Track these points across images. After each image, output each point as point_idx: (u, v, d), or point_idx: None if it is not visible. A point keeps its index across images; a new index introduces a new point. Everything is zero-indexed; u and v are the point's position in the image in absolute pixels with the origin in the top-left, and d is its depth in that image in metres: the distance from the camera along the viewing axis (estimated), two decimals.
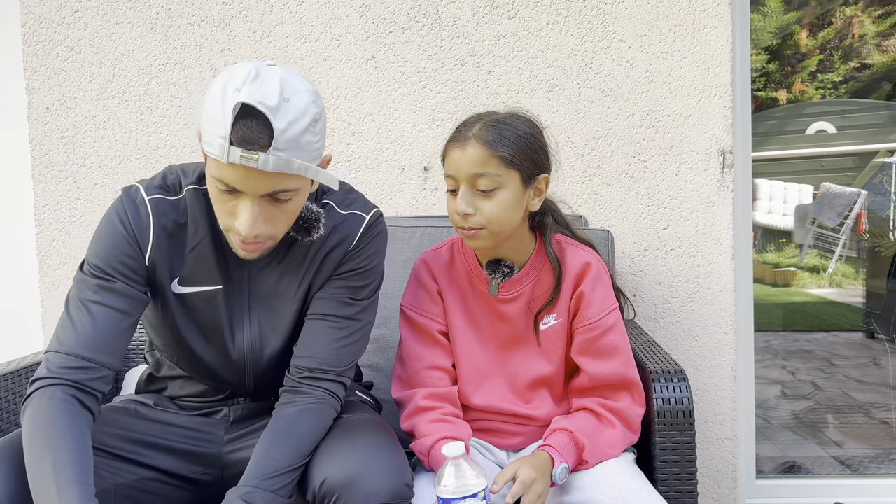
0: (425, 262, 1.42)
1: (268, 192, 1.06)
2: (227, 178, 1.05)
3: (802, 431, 2.74)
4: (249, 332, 1.27)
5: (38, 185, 1.98)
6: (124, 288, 1.16)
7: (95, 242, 1.19)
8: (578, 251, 1.36)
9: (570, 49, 1.91)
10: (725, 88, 1.90)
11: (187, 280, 1.22)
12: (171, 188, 1.21)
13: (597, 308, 1.33)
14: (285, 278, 1.25)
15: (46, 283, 1.99)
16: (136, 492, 1.21)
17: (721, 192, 1.90)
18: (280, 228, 1.13)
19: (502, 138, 1.25)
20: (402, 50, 1.93)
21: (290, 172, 1.04)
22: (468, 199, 1.26)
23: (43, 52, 1.96)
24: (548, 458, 1.23)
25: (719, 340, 1.92)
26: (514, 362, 1.37)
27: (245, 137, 1.01)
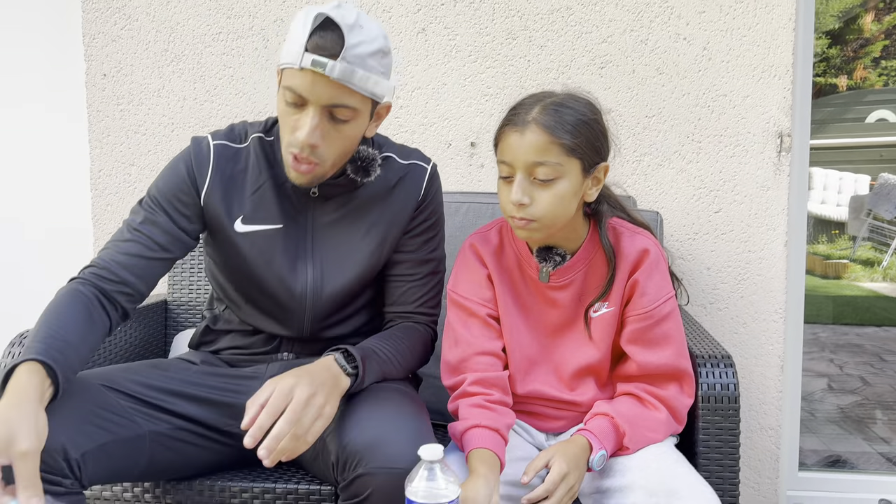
0: (473, 247, 1.36)
1: (330, 102, 1.15)
2: (297, 85, 1.14)
3: (848, 426, 2.68)
4: (312, 270, 1.33)
5: (93, 150, 2.02)
6: (168, 224, 1.27)
7: (157, 179, 1.31)
8: (635, 237, 1.30)
9: (626, 24, 1.87)
10: (786, 69, 1.83)
11: (249, 219, 1.30)
12: (237, 137, 1.33)
13: (651, 297, 1.27)
14: (351, 221, 1.34)
15: (100, 246, 2.03)
16: (169, 440, 1.25)
17: (777, 177, 1.85)
18: (333, 150, 1.21)
19: (564, 123, 1.18)
20: (452, 23, 1.91)
21: (352, 84, 1.15)
22: (524, 189, 1.19)
23: (101, 18, 1.99)
24: (585, 445, 1.21)
25: (767, 329, 1.88)
26: (562, 349, 1.34)
27: (319, 45, 1.12)
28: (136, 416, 1.20)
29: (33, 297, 2.20)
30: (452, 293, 1.36)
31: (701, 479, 1.18)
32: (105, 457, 1.13)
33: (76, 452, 1.08)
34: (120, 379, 1.24)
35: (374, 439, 1.10)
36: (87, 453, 1.10)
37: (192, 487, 1.34)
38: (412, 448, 1.08)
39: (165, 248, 1.27)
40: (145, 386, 1.25)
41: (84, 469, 1.10)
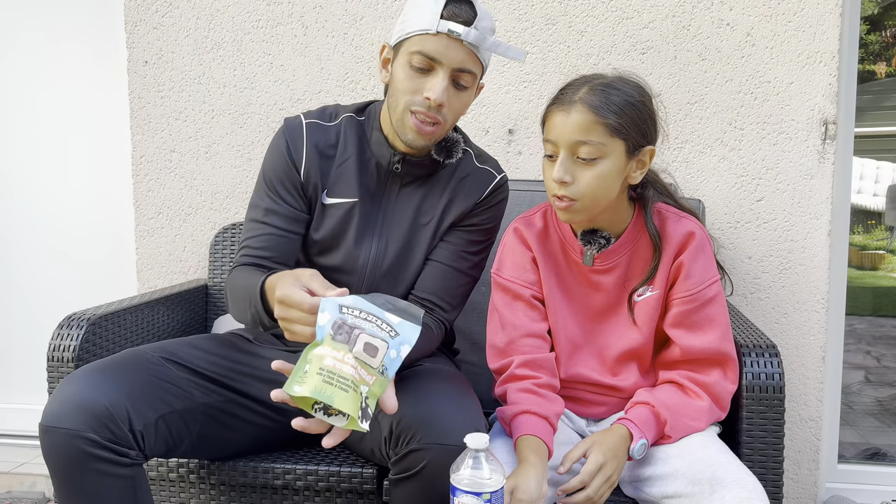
0: (518, 231, 1.37)
1: (459, 66, 1.25)
2: (430, 48, 1.24)
3: (886, 419, 2.63)
4: (376, 245, 1.39)
5: (135, 136, 2.05)
6: (286, 209, 1.36)
7: (265, 161, 1.41)
8: (681, 220, 1.30)
9: (668, 9, 1.84)
10: (832, 55, 1.80)
11: (332, 191, 1.38)
12: (328, 116, 1.41)
13: (696, 279, 1.27)
14: (419, 205, 1.39)
15: (141, 231, 2.07)
16: (222, 414, 1.29)
17: (821, 165, 1.82)
18: (452, 113, 1.30)
19: (610, 104, 1.18)
20: (492, 8, 1.90)
21: (483, 48, 1.26)
22: (567, 167, 1.20)
23: (143, 6, 2.01)
24: (626, 434, 1.21)
25: (809, 319, 1.85)
26: (606, 333, 1.34)
27: (455, 13, 1.23)
28: (193, 388, 1.25)
29: (77, 281, 2.25)
30: (497, 276, 1.36)
31: (744, 468, 1.17)
32: (164, 428, 1.18)
33: (139, 423, 1.13)
34: (180, 352, 1.29)
35: (429, 415, 1.13)
36: (149, 424, 1.15)
37: (237, 468, 1.37)
38: (465, 425, 1.11)
39: (290, 230, 1.36)
40: (204, 360, 1.30)
41: (146, 440, 1.14)
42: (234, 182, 2.02)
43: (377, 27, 1.94)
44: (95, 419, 1.08)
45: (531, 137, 1.92)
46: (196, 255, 2.05)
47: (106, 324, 1.52)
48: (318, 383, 0.95)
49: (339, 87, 1.96)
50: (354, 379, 0.97)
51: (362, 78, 1.96)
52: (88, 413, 1.08)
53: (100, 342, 1.49)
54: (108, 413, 1.09)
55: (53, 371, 1.42)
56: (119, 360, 1.21)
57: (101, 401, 1.10)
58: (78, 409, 1.08)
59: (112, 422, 1.09)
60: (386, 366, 1.01)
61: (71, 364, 1.42)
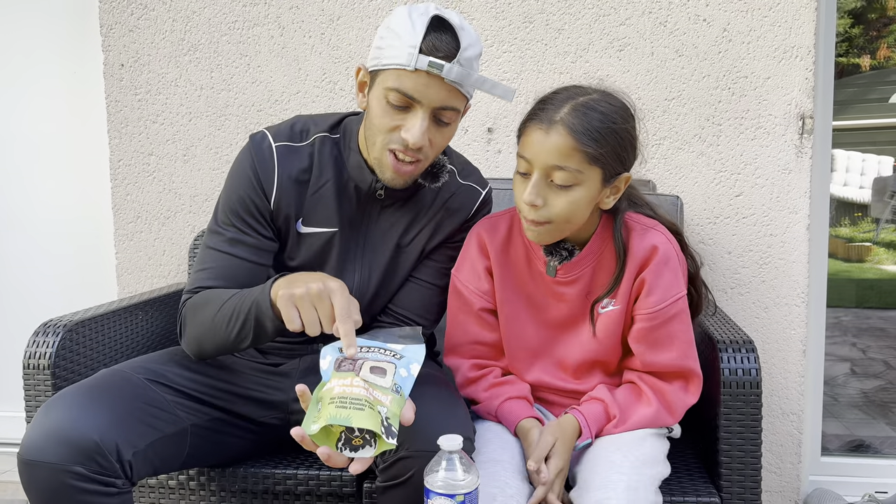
0: (479, 236, 1.33)
1: (441, 104, 1.15)
2: (408, 86, 1.13)
3: (872, 410, 2.65)
4: (360, 274, 1.34)
5: (112, 140, 2.04)
6: (252, 239, 1.27)
7: (226, 190, 1.30)
8: (646, 233, 1.25)
9: (645, 6, 1.84)
10: (808, 50, 1.80)
11: (309, 221, 1.31)
12: (298, 135, 1.30)
13: (658, 297, 1.23)
14: (402, 229, 1.33)
15: (121, 236, 2.06)
16: (208, 432, 1.27)
17: (799, 159, 1.82)
18: (434, 151, 1.22)
19: (591, 130, 1.12)
20: (469, 7, 1.89)
21: (467, 85, 1.15)
22: (539, 190, 1.15)
23: (118, 9, 2.00)
24: (577, 429, 1.24)
25: (789, 313, 1.86)
26: (567, 344, 1.32)
27: (435, 46, 1.11)
28: (179, 410, 1.21)
29: (55, 287, 2.23)
30: (454, 277, 1.36)
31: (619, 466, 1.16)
32: (152, 454, 1.14)
33: (128, 453, 1.08)
34: (164, 371, 1.24)
35: (418, 423, 1.10)
36: (138, 452, 1.11)
37: (224, 474, 1.37)
38: (455, 431, 1.09)
39: (259, 263, 1.28)
40: (189, 379, 1.26)
41: (134, 468, 1.10)
42: (213, 185, 2.01)
43: (354, 27, 1.93)
44: (82, 453, 1.03)
45: (510, 136, 1.91)
46: (176, 259, 2.04)
47: (83, 330, 1.50)
48: (333, 410, 0.94)
49: (317, 88, 1.96)
50: (367, 398, 0.96)
51: (340, 78, 1.95)
52: (74, 446, 1.03)
53: (77, 349, 1.48)
54: (96, 446, 1.04)
55: (29, 379, 1.41)
56: (103, 385, 1.15)
57: (88, 433, 1.04)
58: (63, 441, 1.03)
59: (100, 454, 1.04)
60: (399, 384, 1.01)
61: (47, 372, 1.40)
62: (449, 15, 1.14)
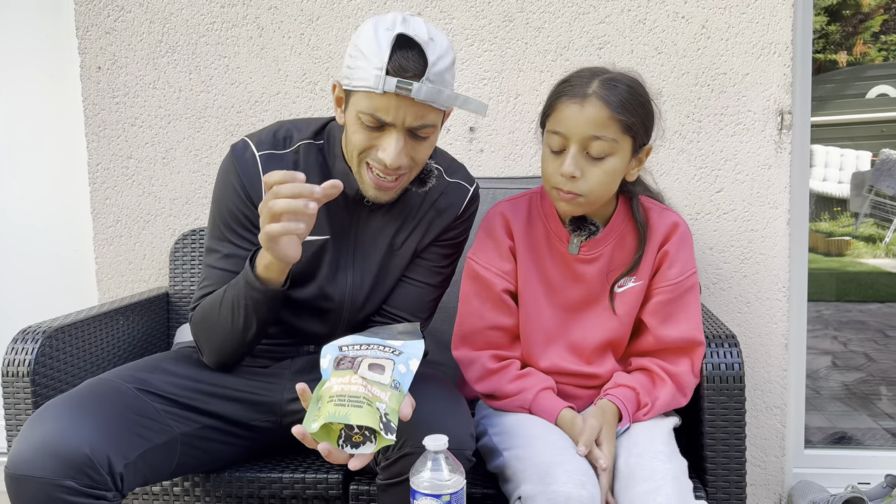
0: (502, 215, 1.34)
1: (413, 124, 1.14)
2: (379, 109, 1.12)
3: (853, 402, 2.68)
4: (352, 279, 1.33)
5: (90, 144, 2.01)
6: (250, 253, 1.22)
7: (215, 204, 1.29)
8: (664, 212, 1.33)
9: (624, 4, 1.85)
10: (785, 46, 1.82)
11: None
12: (281, 143, 1.28)
13: (679, 269, 1.30)
14: (392, 232, 1.33)
15: (100, 240, 2.03)
16: (198, 440, 1.26)
17: (778, 155, 1.84)
18: (415, 165, 1.21)
19: (624, 101, 1.17)
20: (448, 6, 1.89)
21: (438, 103, 1.13)
22: (577, 162, 1.18)
23: (94, 11, 1.97)
24: (618, 414, 1.27)
25: (771, 307, 1.87)
26: (584, 325, 1.34)
27: (402, 66, 1.09)
28: (169, 419, 1.20)
29: (33, 293, 2.20)
30: (473, 261, 1.35)
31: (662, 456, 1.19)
32: (143, 465, 1.13)
33: (119, 465, 1.07)
34: (152, 380, 1.23)
35: (422, 420, 1.10)
36: (129, 464, 1.09)
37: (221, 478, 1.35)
38: (458, 428, 1.11)
39: None
40: (178, 386, 1.25)
41: (125, 480, 1.09)
42: (193, 187, 1.99)
43: (334, 27, 1.92)
44: (74, 467, 1.01)
45: (492, 135, 1.91)
46: (156, 263, 2.02)
47: (63, 336, 1.48)
48: (332, 408, 0.95)
49: (297, 89, 1.94)
50: (366, 395, 0.97)
51: (321, 79, 1.94)
52: (66, 460, 1.01)
53: (57, 355, 1.46)
54: (87, 460, 1.02)
55: (8, 387, 1.39)
56: (91, 395, 1.13)
57: (80, 447, 1.03)
58: (54, 455, 1.01)
59: (92, 468, 1.02)
60: (397, 380, 1.01)
61: (27, 379, 1.39)
62: (415, 30, 1.11)
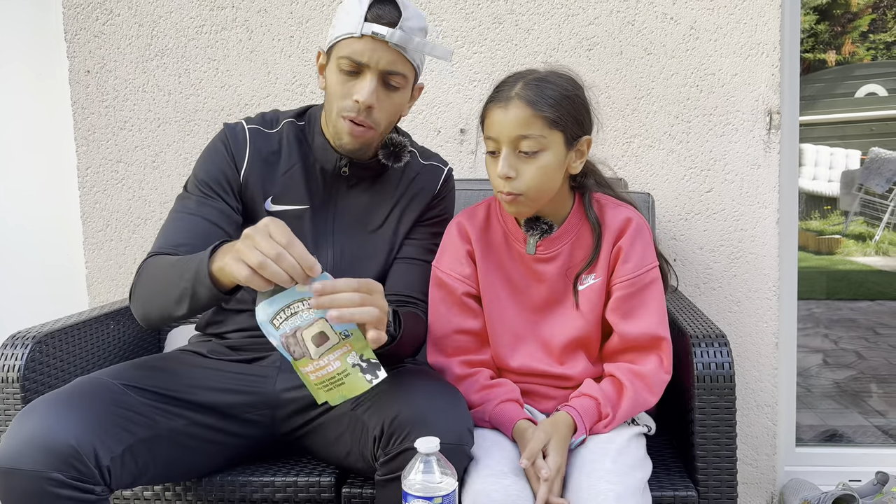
0: (459, 223, 1.40)
1: (387, 68, 1.26)
2: (357, 51, 1.24)
3: (844, 400, 2.69)
4: (332, 252, 1.38)
5: (80, 147, 2.01)
6: (221, 205, 1.32)
7: (199, 163, 1.37)
8: (618, 208, 1.34)
9: (613, 5, 1.85)
10: (773, 46, 1.83)
11: (279, 199, 1.37)
12: (269, 123, 1.40)
13: (634, 264, 1.30)
14: (371, 207, 1.40)
15: (90, 245, 2.03)
16: (186, 437, 1.25)
17: (767, 154, 1.85)
18: (384, 116, 1.30)
19: (545, 98, 1.22)
20: (438, 8, 1.89)
21: (409, 50, 1.26)
22: (510, 162, 1.23)
23: (82, 15, 1.97)
24: (572, 425, 1.25)
25: (761, 307, 1.88)
26: (551, 324, 1.36)
27: (379, 15, 1.24)
28: (156, 415, 1.20)
29: (23, 298, 2.19)
30: (435, 268, 1.39)
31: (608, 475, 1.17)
32: (129, 459, 1.14)
33: (106, 458, 1.08)
34: (139, 377, 1.24)
35: (424, 415, 1.12)
36: (115, 457, 1.10)
37: (200, 483, 1.34)
38: (457, 425, 1.12)
39: (222, 227, 1.31)
40: (165, 380, 1.26)
41: (113, 474, 1.10)
42: None
43: (323, 29, 1.92)
44: (61, 459, 1.02)
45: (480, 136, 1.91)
46: None
47: (53, 341, 1.48)
48: (327, 395, 1.05)
49: (287, 91, 1.94)
50: (338, 371, 1.04)
51: (311, 81, 1.94)
52: (53, 453, 1.02)
53: (47, 360, 1.45)
54: (74, 452, 1.03)
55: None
56: (79, 391, 1.14)
57: (66, 439, 1.04)
58: (41, 448, 1.02)
59: (78, 460, 1.03)
60: (340, 329, 1.05)
61: (16, 385, 1.38)
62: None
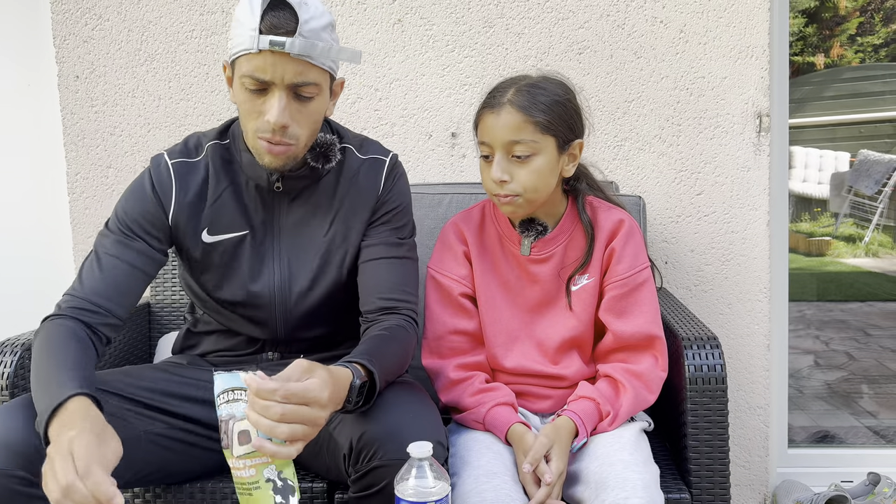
0: (455, 225, 1.41)
1: (294, 80, 1.14)
2: (257, 68, 1.13)
3: (836, 401, 2.70)
4: (279, 272, 1.32)
5: (69, 153, 2.00)
6: (142, 246, 1.26)
7: (121, 202, 1.30)
8: (611, 210, 1.36)
9: (602, 9, 1.86)
10: (763, 49, 1.84)
11: (214, 229, 1.30)
12: (192, 151, 1.31)
13: (627, 264, 1.32)
14: (314, 218, 1.32)
15: (79, 251, 2.01)
16: (164, 439, 1.24)
17: (757, 157, 1.86)
18: (303, 129, 1.20)
19: (537, 103, 1.23)
20: (429, 12, 1.90)
21: (315, 57, 1.14)
22: (504, 167, 1.25)
23: (71, 20, 1.96)
24: (573, 429, 1.25)
25: (753, 308, 1.89)
26: (545, 324, 1.37)
27: (274, 24, 1.11)
28: (130, 417, 1.20)
29: (11, 304, 2.17)
30: (431, 269, 1.40)
31: (633, 466, 1.18)
32: None
33: None
34: (113, 381, 1.24)
35: (391, 431, 1.09)
36: None
37: (182, 490, 1.33)
38: (427, 437, 1.07)
39: (142, 269, 1.26)
40: (139, 387, 1.25)
41: None
42: None
43: None
44: (24, 457, 1.03)
45: (474, 140, 1.91)
46: None
47: None
48: (239, 496, 1.02)
49: None
50: (251, 479, 1.00)
51: None
52: (15, 451, 1.03)
53: None
54: (35, 451, 1.03)
55: None
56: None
57: (28, 438, 1.04)
58: (4, 447, 1.03)
59: (40, 459, 1.01)
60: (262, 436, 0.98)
61: (5, 392, 1.36)
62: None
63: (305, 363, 1.02)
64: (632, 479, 1.15)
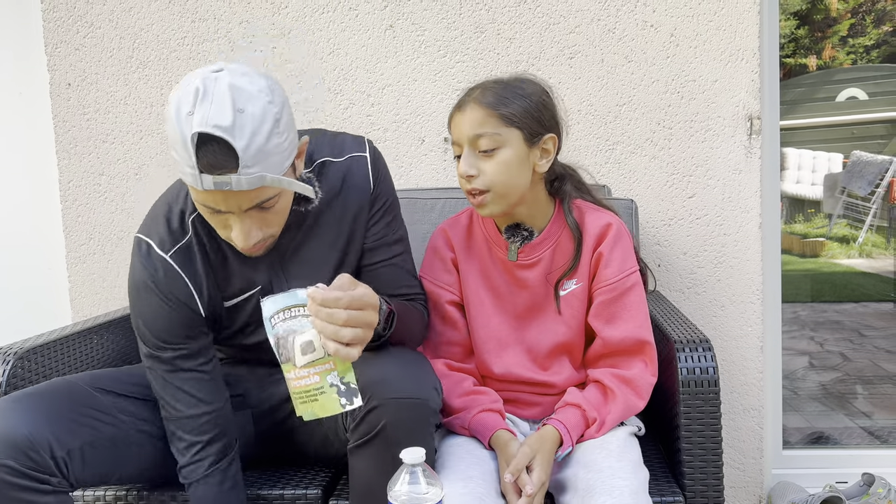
0: (443, 231, 1.42)
1: (250, 206, 1.08)
2: (209, 201, 1.07)
3: (830, 402, 2.70)
4: None
5: (61, 161, 1.99)
6: (197, 346, 1.25)
7: (147, 321, 1.23)
8: (598, 213, 1.35)
9: (593, 14, 1.87)
10: (753, 52, 1.84)
11: (229, 295, 1.29)
12: (178, 232, 1.23)
13: (615, 269, 1.32)
14: (314, 238, 1.30)
15: (73, 259, 2.01)
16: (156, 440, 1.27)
17: (748, 159, 1.86)
18: (276, 227, 1.17)
19: (500, 97, 1.25)
20: (420, 18, 1.90)
21: (265, 185, 1.05)
22: (470, 161, 1.26)
23: (63, 27, 1.96)
24: (558, 439, 1.25)
25: (746, 310, 1.89)
26: (534, 330, 1.37)
27: (212, 163, 1.00)
28: (122, 414, 1.22)
29: (4, 313, 2.17)
30: (422, 277, 1.42)
31: (620, 472, 1.18)
32: (91, 455, 1.15)
33: (61, 450, 1.10)
34: (106, 379, 1.25)
35: (382, 376, 1.11)
36: (73, 451, 1.12)
37: (176, 497, 1.33)
38: (419, 381, 1.12)
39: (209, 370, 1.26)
40: (131, 384, 1.27)
41: (71, 467, 1.11)
42: None
43: (306, 40, 1.92)
44: (13, 447, 1.06)
45: None
46: None
47: (35, 357, 1.46)
48: (303, 407, 1.03)
49: None
50: (316, 386, 1.03)
51: (293, 93, 1.94)
52: (5, 441, 1.06)
53: (29, 376, 1.43)
54: (26, 441, 1.06)
55: None
56: (40, 389, 1.18)
57: (19, 428, 1.07)
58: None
59: (32, 449, 1.06)
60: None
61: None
62: (216, 113, 0.99)
63: (347, 277, 1.07)
64: (619, 486, 1.14)
